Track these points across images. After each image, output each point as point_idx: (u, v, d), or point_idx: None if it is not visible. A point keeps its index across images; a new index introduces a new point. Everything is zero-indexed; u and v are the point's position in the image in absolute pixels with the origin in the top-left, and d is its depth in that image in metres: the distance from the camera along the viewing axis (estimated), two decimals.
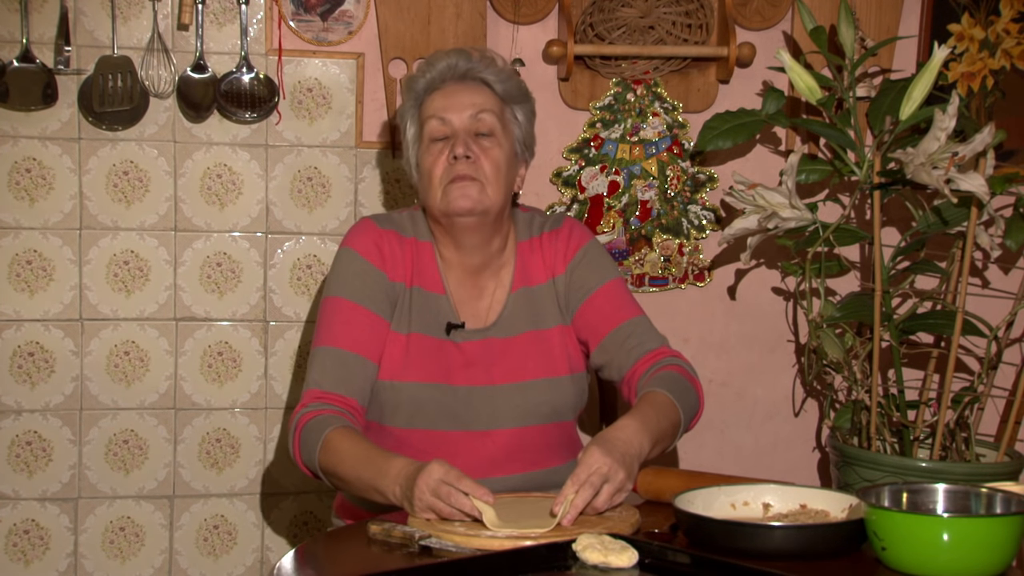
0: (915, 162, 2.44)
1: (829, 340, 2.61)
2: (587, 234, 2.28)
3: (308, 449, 2.02)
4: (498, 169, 2.15)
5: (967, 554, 1.60)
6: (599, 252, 2.26)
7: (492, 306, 2.22)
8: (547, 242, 2.25)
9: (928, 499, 1.76)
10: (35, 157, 2.68)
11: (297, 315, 2.80)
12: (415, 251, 2.20)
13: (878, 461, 2.54)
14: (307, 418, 2.04)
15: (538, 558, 1.64)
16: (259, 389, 2.80)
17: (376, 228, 2.20)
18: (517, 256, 2.24)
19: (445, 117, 2.15)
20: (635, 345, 2.16)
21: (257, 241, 2.78)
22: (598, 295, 2.21)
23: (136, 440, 2.76)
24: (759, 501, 1.90)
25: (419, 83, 2.20)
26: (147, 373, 2.75)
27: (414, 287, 2.19)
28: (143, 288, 2.74)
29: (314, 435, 2.01)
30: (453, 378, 2.15)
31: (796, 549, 1.69)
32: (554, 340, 2.21)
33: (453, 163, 2.13)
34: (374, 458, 1.94)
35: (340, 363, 2.09)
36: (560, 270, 2.24)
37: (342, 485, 2.01)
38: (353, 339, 2.11)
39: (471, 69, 2.18)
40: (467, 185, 2.12)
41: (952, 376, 2.59)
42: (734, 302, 2.96)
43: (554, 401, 2.19)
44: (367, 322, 2.13)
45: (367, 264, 2.16)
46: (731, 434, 2.97)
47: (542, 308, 2.22)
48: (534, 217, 2.29)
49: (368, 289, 2.15)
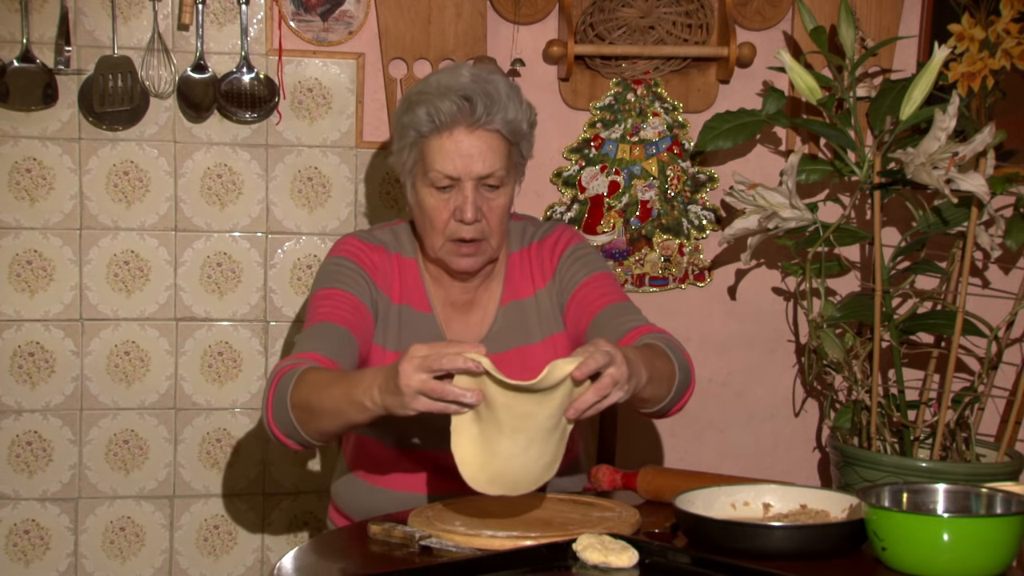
0: (915, 162, 2.44)
1: (829, 340, 2.61)
2: (576, 236, 2.25)
3: (280, 396, 1.88)
4: (503, 218, 2.11)
5: (967, 554, 1.60)
6: (587, 251, 2.22)
7: (483, 320, 2.19)
8: (536, 251, 2.21)
9: (928, 499, 1.77)
10: (35, 157, 2.68)
11: (297, 315, 2.80)
12: (400, 268, 2.17)
13: (878, 461, 2.54)
14: (285, 369, 1.92)
15: (538, 558, 1.64)
16: (259, 389, 2.80)
17: (361, 243, 2.17)
18: (507, 268, 2.21)
19: (453, 175, 2.05)
20: (619, 324, 2.08)
21: (257, 241, 2.79)
22: (584, 286, 2.16)
23: (136, 440, 2.76)
24: (759, 501, 1.90)
25: (422, 123, 2.05)
26: (147, 373, 2.75)
27: (403, 305, 2.16)
28: (143, 288, 2.74)
29: (288, 379, 1.88)
30: None
31: (796, 549, 1.69)
32: (541, 355, 2.15)
33: (459, 224, 2.07)
34: (347, 375, 1.85)
35: (323, 331, 2.03)
36: (549, 276, 2.20)
37: (315, 419, 1.84)
38: (334, 316, 2.05)
39: (479, 120, 2.04)
40: (472, 251, 2.09)
41: (952, 376, 2.59)
42: (734, 302, 2.96)
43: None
44: (348, 303, 2.07)
45: (352, 264, 2.13)
46: (731, 434, 2.97)
47: (529, 322, 2.19)
48: (527, 227, 2.25)
49: (350, 280, 2.11)
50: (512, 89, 2.10)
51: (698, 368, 2.92)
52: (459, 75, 2.07)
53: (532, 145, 2.16)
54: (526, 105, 2.11)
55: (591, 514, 1.87)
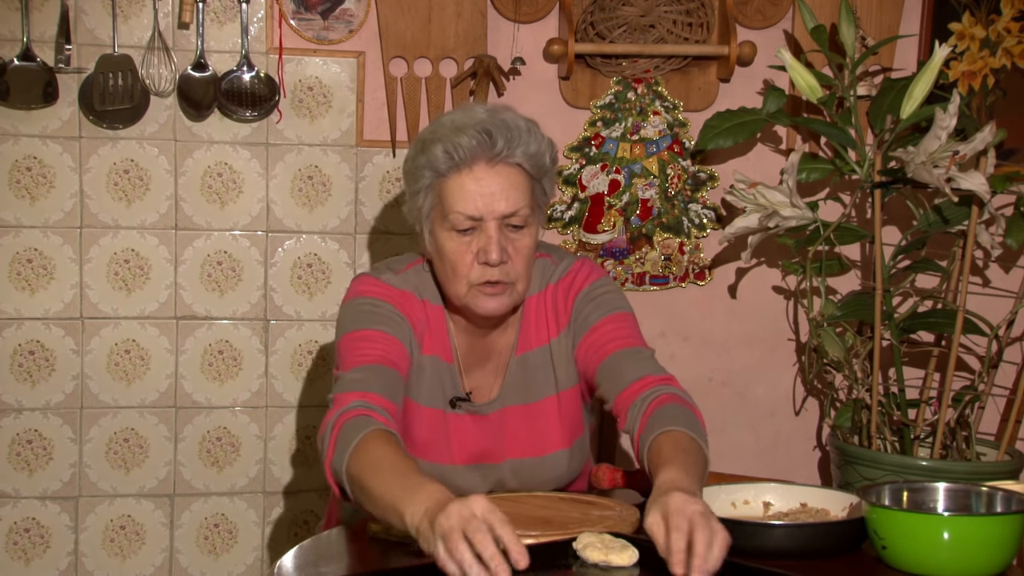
0: (916, 161, 2.44)
1: (830, 339, 2.61)
2: (594, 274, 2.10)
3: (341, 451, 1.76)
4: (529, 260, 1.99)
5: (967, 553, 1.60)
6: (604, 290, 2.08)
7: (497, 372, 2.09)
8: (552, 295, 2.08)
9: (929, 498, 1.77)
10: (36, 156, 2.68)
11: (298, 314, 2.80)
12: (427, 315, 2.04)
13: (879, 460, 2.54)
14: (348, 416, 1.80)
15: (538, 557, 1.64)
16: (260, 388, 2.80)
17: (392, 288, 2.02)
18: (523, 315, 2.08)
19: (475, 215, 1.93)
20: (624, 372, 1.97)
21: (258, 240, 2.78)
22: (595, 329, 2.03)
23: (136, 439, 2.76)
24: (759, 500, 1.90)
25: (440, 161, 1.94)
26: (147, 372, 2.75)
27: (433, 356, 2.04)
28: (144, 287, 2.74)
29: (352, 433, 1.76)
30: (455, 456, 2.06)
31: (796, 548, 1.69)
32: (552, 411, 2.08)
33: (484, 267, 1.95)
34: (409, 474, 1.67)
35: (372, 372, 1.90)
36: (564, 322, 2.07)
37: (364, 498, 1.72)
38: (380, 357, 1.93)
39: (500, 153, 1.93)
40: (498, 292, 1.96)
41: (953, 375, 2.59)
42: (735, 301, 2.96)
43: (557, 478, 2.10)
44: (391, 344, 1.95)
45: (388, 305, 2.00)
46: (732, 433, 2.97)
47: (542, 376, 2.08)
48: (546, 266, 2.10)
49: (389, 321, 1.97)
50: (531, 123, 1.98)
51: (698, 367, 2.94)
52: (473, 112, 1.97)
53: (554, 184, 2.05)
54: (547, 140, 2.00)
55: (591, 513, 1.87)
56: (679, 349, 2.93)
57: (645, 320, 2.83)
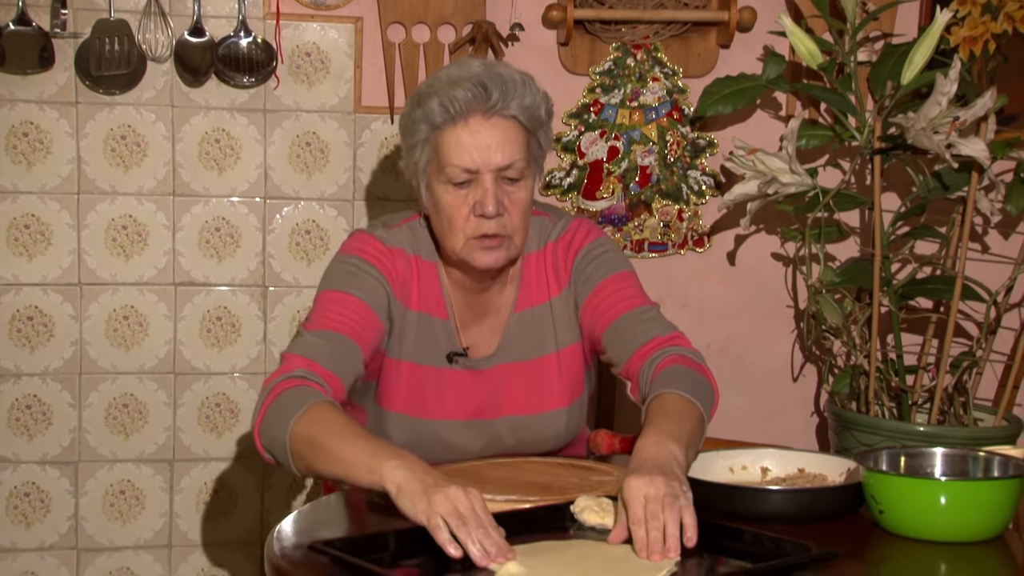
0: (916, 127, 2.43)
1: (828, 305, 2.61)
2: (592, 233, 2.10)
3: (279, 417, 1.76)
4: (525, 213, 1.99)
5: (964, 517, 1.60)
6: (604, 248, 2.09)
7: (496, 328, 2.09)
8: (551, 252, 2.09)
9: (926, 463, 1.77)
10: (32, 121, 2.67)
11: (296, 280, 2.80)
12: (419, 272, 2.05)
13: (876, 426, 2.55)
14: (289, 384, 1.80)
15: (536, 520, 1.64)
16: (258, 354, 2.80)
17: (382, 246, 2.03)
18: (523, 271, 2.09)
19: (471, 168, 1.93)
20: (631, 336, 1.97)
21: (256, 206, 2.78)
22: (600, 290, 2.04)
23: (136, 404, 2.77)
24: (757, 465, 1.90)
25: (435, 114, 1.94)
26: (146, 338, 2.75)
27: (420, 312, 2.04)
28: (142, 253, 2.74)
29: (294, 402, 1.77)
30: (450, 412, 2.06)
31: (794, 512, 1.70)
32: (551, 369, 2.09)
33: (480, 219, 1.95)
34: (375, 438, 1.71)
35: (331, 341, 1.91)
36: (565, 280, 2.08)
37: (316, 455, 1.72)
38: (343, 324, 1.93)
39: (495, 106, 1.93)
40: (495, 246, 1.96)
41: (951, 341, 2.59)
42: (733, 268, 2.95)
43: (555, 436, 2.11)
44: (361, 313, 1.96)
45: (371, 268, 2.01)
46: (730, 399, 2.96)
47: (543, 332, 2.09)
48: (544, 224, 2.11)
49: (367, 287, 1.99)
50: (526, 76, 1.98)
51: (697, 334, 2.92)
52: (469, 66, 1.97)
53: (550, 138, 2.05)
54: (542, 93, 2.00)
55: (590, 478, 1.87)
56: (678, 316, 2.93)
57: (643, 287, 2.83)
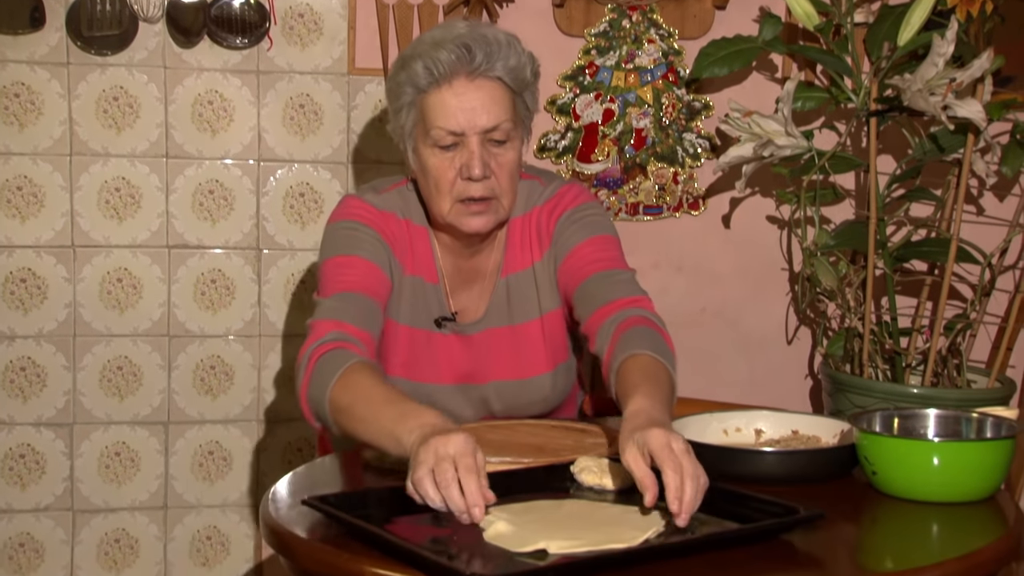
0: (912, 88, 2.42)
1: (823, 268, 2.61)
2: (580, 197, 2.08)
3: (320, 384, 1.77)
4: (513, 175, 1.98)
5: (957, 478, 1.61)
6: (587, 212, 2.07)
7: (483, 293, 2.09)
8: (536, 217, 2.07)
9: (919, 424, 1.78)
10: (23, 82, 2.65)
11: (290, 243, 2.79)
12: (411, 236, 2.05)
13: (870, 388, 2.55)
14: (325, 348, 1.81)
15: (535, 480, 1.65)
16: (253, 317, 2.80)
17: (374, 209, 2.02)
18: (508, 236, 2.07)
19: (456, 131, 1.93)
20: (596, 295, 1.96)
21: (249, 169, 2.76)
22: (575, 252, 2.03)
23: (130, 367, 2.76)
24: (751, 427, 1.91)
25: (420, 77, 1.93)
26: (140, 300, 2.75)
27: (415, 277, 2.05)
28: (135, 215, 2.73)
29: (331, 367, 1.77)
30: (440, 376, 2.06)
31: (787, 474, 1.70)
32: (536, 334, 2.08)
33: (467, 182, 1.95)
34: (399, 401, 1.68)
35: (350, 301, 1.91)
36: (547, 244, 2.06)
37: (352, 426, 1.73)
38: (358, 284, 1.93)
39: (479, 67, 1.92)
40: (482, 210, 1.96)
41: (945, 303, 2.60)
42: (728, 231, 2.95)
43: (542, 400, 2.11)
44: (370, 271, 1.96)
45: (368, 229, 2.00)
46: (724, 362, 2.97)
47: (526, 298, 2.08)
48: (533, 188, 2.09)
49: (369, 246, 1.98)
50: (511, 37, 1.98)
51: (692, 297, 2.94)
52: (454, 27, 1.97)
53: (537, 99, 2.04)
54: (528, 53, 1.99)
55: (584, 441, 1.87)
56: (672, 279, 2.93)
57: (638, 250, 2.84)
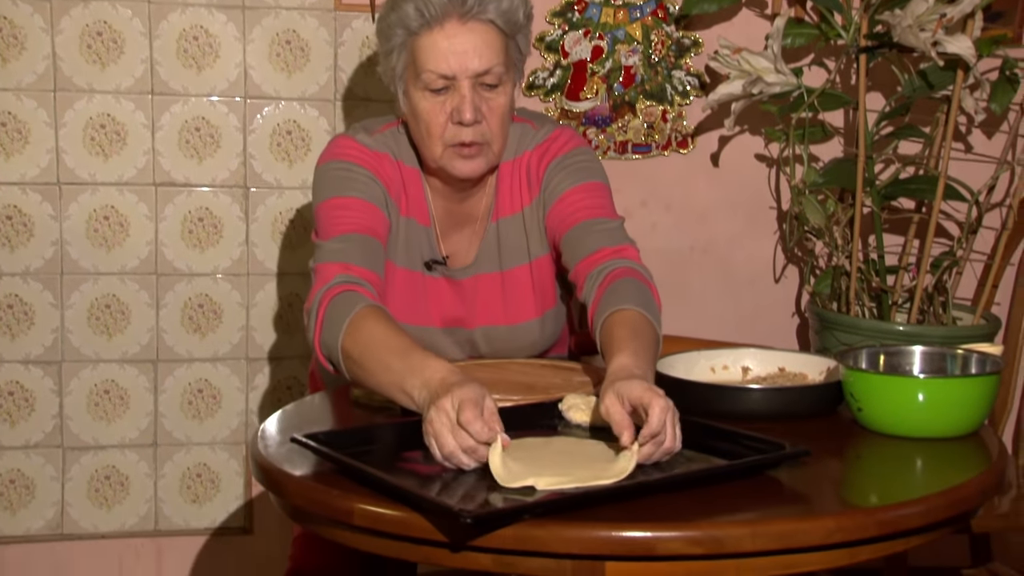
0: (902, 24, 2.40)
1: (811, 206, 2.61)
2: (572, 142, 2.06)
3: (332, 331, 1.75)
4: (504, 119, 1.96)
5: (941, 413, 1.62)
6: (578, 158, 2.05)
7: (473, 238, 2.08)
8: (526, 162, 2.06)
9: (905, 361, 1.79)
10: (5, 16, 2.61)
11: (278, 182, 2.78)
12: (403, 177, 2.03)
13: (857, 326, 2.56)
14: (334, 292, 1.79)
15: (524, 418, 1.65)
16: (240, 255, 2.79)
17: (368, 150, 2.00)
18: (498, 181, 2.06)
19: (447, 74, 1.90)
20: (582, 244, 1.95)
21: (236, 106, 2.74)
22: (564, 199, 2.01)
23: (118, 305, 2.76)
24: (738, 365, 1.92)
25: (411, 19, 1.91)
26: (127, 238, 2.73)
27: (409, 218, 2.03)
28: (121, 152, 2.71)
29: (341, 312, 1.75)
30: (432, 318, 2.06)
31: (774, 410, 1.71)
32: (524, 280, 2.07)
33: (458, 127, 1.93)
34: (410, 351, 1.64)
35: (353, 242, 1.90)
36: (536, 190, 2.05)
37: (363, 377, 1.71)
38: (359, 225, 1.92)
39: (471, 10, 1.90)
40: (473, 154, 1.95)
41: (932, 241, 2.60)
42: (717, 169, 2.94)
43: (531, 345, 2.10)
44: (369, 212, 1.94)
45: (363, 170, 1.98)
46: (712, 301, 2.98)
47: (516, 243, 2.06)
48: (525, 132, 2.07)
49: (365, 187, 1.96)
50: None
51: (680, 236, 2.94)
52: None
53: (529, 42, 2.02)
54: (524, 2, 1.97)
55: (573, 379, 1.88)
56: (661, 218, 2.93)
57: (626, 189, 2.83)
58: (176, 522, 2.85)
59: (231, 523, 2.88)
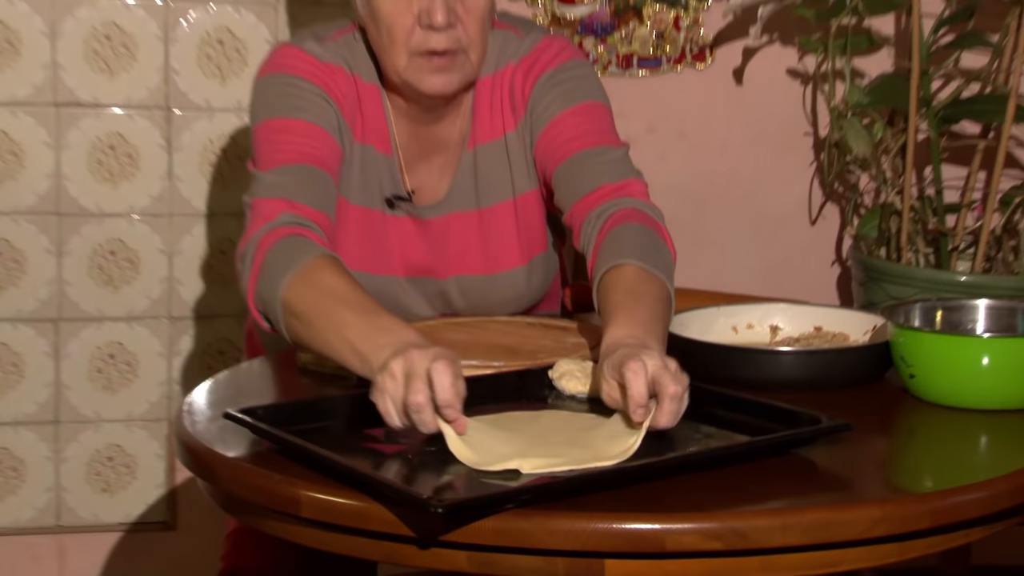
0: None
1: (855, 132, 2.61)
2: (564, 53, 2.05)
3: (271, 280, 1.72)
4: (483, 22, 1.94)
5: (1010, 380, 1.63)
6: (572, 74, 2.03)
7: (445, 168, 2.07)
8: (510, 76, 2.04)
9: (967, 318, 1.80)
10: None
11: (207, 103, 2.78)
12: (360, 95, 2.02)
13: (910, 275, 2.58)
14: (276, 236, 1.77)
15: (507, 388, 1.65)
16: (162, 191, 2.79)
17: (318, 61, 1.99)
18: (475, 100, 2.05)
19: None
20: (579, 180, 1.94)
21: (156, 10, 2.73)
22: (555, 123, 2.00)
23: (11, 252, 2.70)
24: (766, 323, 1.93)
25: None
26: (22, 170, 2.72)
27: (365, 144, 2.03)
28: (14, 66, 2.70)
29: (284, 259, 1.73)
30: (393, 266, 2.06)
31: (808, 377, 1.72)
32: (507, 219, 2.07)
33: (427, 31, 1.90)
34: (371, 313, 1.61)
35: (299, 174, 1.88)
36: (521, 112, 2.04)
37: (308, 335, 1.68)
38: (306, 154, 1.91)
39: None
40: (446, 65, 1.92)
41: (1001, 173, 2.61)
42: (741, 88, 2.95)
43: (515, 299, 2.11)
44: (318, 137, 1.93)
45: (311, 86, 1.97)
46: (735, 248, 2.99)
47: (497, 175, 2.06)
48: (508, 40, 2.05)
49: (313, 107, 1.95)
50: None
51: (695, 170, 2.94)
52: None
53: None
54: None
55: (565, 340, 1.89)
56: (672, 148, 2.93)
57: (632, 112, 2.83)
58: (83, 516, 2.86)
59: (150, 517, 2.89)
